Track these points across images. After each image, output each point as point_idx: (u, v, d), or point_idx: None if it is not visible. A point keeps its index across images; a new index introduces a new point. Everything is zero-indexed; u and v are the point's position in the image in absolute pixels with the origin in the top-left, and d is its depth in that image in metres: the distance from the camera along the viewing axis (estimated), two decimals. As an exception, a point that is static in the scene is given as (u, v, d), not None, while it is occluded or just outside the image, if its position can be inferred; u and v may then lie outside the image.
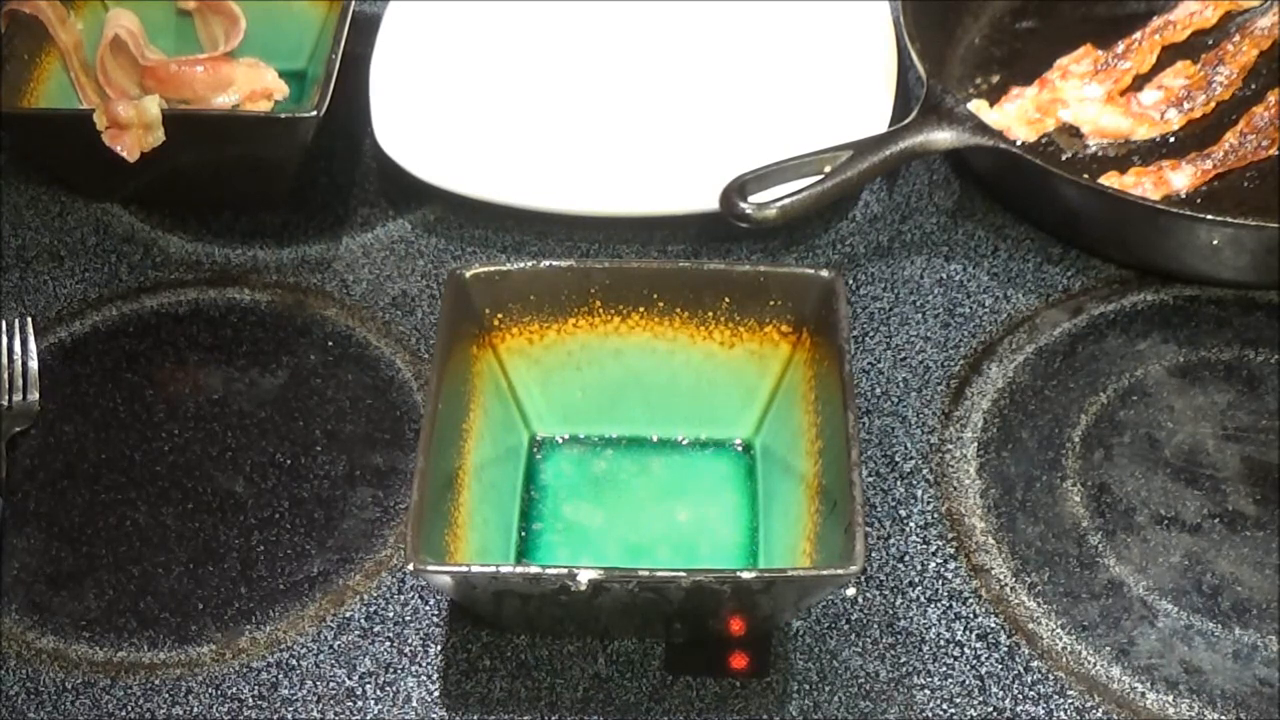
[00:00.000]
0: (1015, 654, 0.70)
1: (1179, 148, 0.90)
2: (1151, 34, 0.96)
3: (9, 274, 0.88)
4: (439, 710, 0.68)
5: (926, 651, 0.70)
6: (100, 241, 0.90)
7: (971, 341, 0.83)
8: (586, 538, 0.72)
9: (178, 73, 0.92)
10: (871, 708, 0.68)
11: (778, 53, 0.97)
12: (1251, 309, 0.84)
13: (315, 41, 0.95)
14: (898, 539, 0.74)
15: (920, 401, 0.80)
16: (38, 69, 0.91)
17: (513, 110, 0.94)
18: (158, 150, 0.85)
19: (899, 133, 0.85)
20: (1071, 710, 0.68)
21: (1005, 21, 0.99)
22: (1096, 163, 0.90)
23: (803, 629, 0.70)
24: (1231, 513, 0.74)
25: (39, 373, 0.82)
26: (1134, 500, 0.75)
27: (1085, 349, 0.82)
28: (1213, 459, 0.77)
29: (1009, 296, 0.85)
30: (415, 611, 0.72)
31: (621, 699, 0.68)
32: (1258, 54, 0.95)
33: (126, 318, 0.86)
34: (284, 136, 0.87)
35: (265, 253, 0.89)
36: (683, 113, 0.94)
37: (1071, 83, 0.93)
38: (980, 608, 0.71)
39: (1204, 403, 0.79)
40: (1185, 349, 0.82)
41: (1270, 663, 0.69)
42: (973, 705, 0.68)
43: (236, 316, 0.85)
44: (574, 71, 0.97)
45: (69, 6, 0.93)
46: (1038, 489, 0.76)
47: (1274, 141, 0.89)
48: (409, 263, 0.88)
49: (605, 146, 0.92)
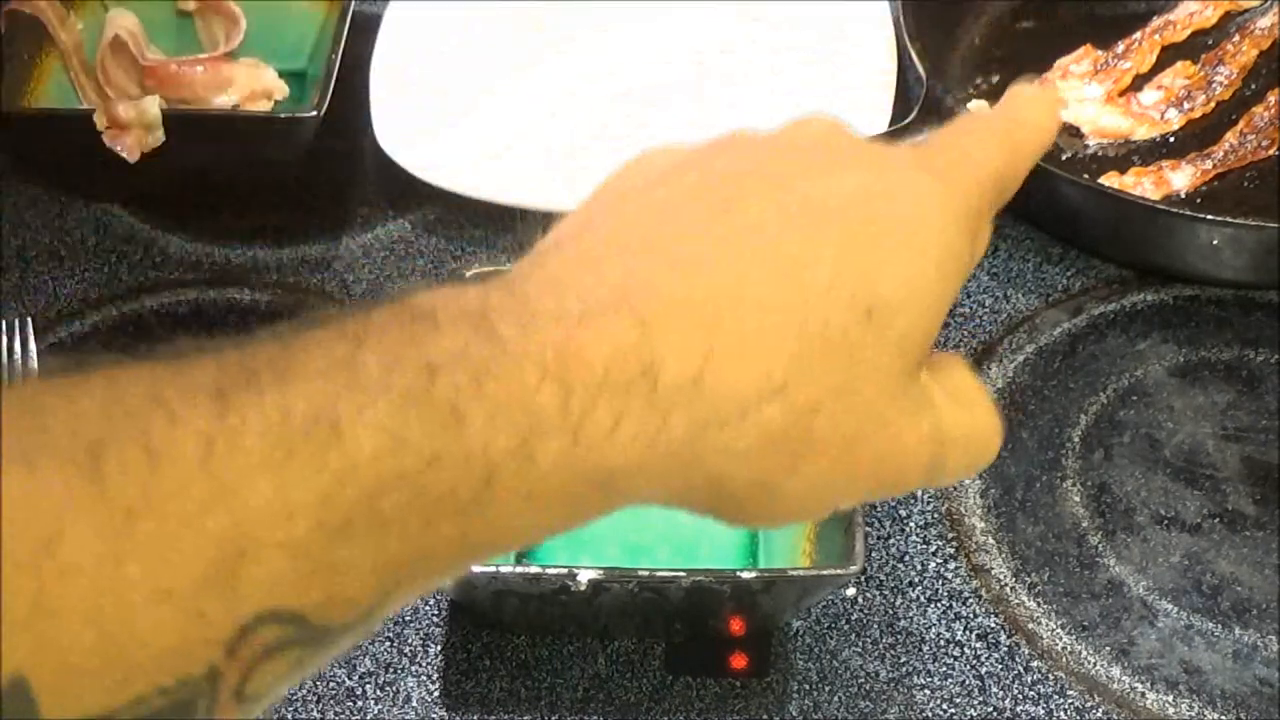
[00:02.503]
0: (1015, 654, 0.70)
1: (1179, 148, 0.90)
2: (1151, 34, 0.96)
3: (9, 274, 0.88)
4: (439, 710, 0.68)
5: (926, 651, 0.70)
6: (100, 241, 0.90)
7: (971, 341, 0.82)
8: (586, 538, 0.72)
9: (178, 73, 0.91)
10: (871, 708, 0.68)
11: (778, 53, 0.97)
12: (1251, 309, 0.84)
13: (315, 41, 0.95)
14: (898, 539, 0.74)
15: (920, 401, 0.79)
16: (38, 69, 0.91)
17: (513, 110, 0.94)
18: (158, 150, 0.85)
19: (899, 133, 0.84)
20: (1071, 710, 0.68)
21: (1005, 21, 0.99)
22: (1096, 163, 0.90)
23: (803, 629, 0.70)
24: (1231, 513, 0.74)
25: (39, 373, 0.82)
26: (1134, 500, 0.75)
27: (1085, 349, 0.82)
28: (1213, 459, 0.77)
29: (1009, 296, 0.85)
30: (415, 611, 0.72)
31: (621, 699, 0.68)
32: (1258, 54, 0.95)
33: (126, 318, 0.86)
34: (284, 136, 0.86)
35: (265, 253, 0.89)
36: (683, 113, 0.94)
37: (1071, 83, 0.93)
38: (980, 608, 0.71)
39: (1204, 403, 0.79)
40: (1185, 349, 0.82)
41: (1270, 663, 0.69)
42: (973, 705, 0.68)
43: (236, 316, 0.85)
44: (574, 71, 0.97)
45: (69, 6, 0.93)
46: (1038, 489, 0.76)
47: (1274, 141, 0.89)
48: (409, 263, 0.88)
49: (606, 147, 0.92)
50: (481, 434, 0.34)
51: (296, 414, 0.32)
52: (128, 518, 0.30)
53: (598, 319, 0.36)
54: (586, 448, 0.35)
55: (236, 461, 0.32)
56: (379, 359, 0.34)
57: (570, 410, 0.35)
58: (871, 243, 0.39)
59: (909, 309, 0.39)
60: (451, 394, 0.34)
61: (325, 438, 0.33)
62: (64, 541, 0.30)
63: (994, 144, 0.44)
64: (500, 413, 0.34)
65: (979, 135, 0.45)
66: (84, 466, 0.31)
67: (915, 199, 0.41)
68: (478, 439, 0.34)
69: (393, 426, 0.33)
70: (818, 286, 0.38)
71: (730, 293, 0.38)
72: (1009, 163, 0.44)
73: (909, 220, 0.40)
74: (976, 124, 0.46)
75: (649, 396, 0.36)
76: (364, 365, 0.34)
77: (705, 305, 0.37)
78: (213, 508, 0.31)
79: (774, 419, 0.37)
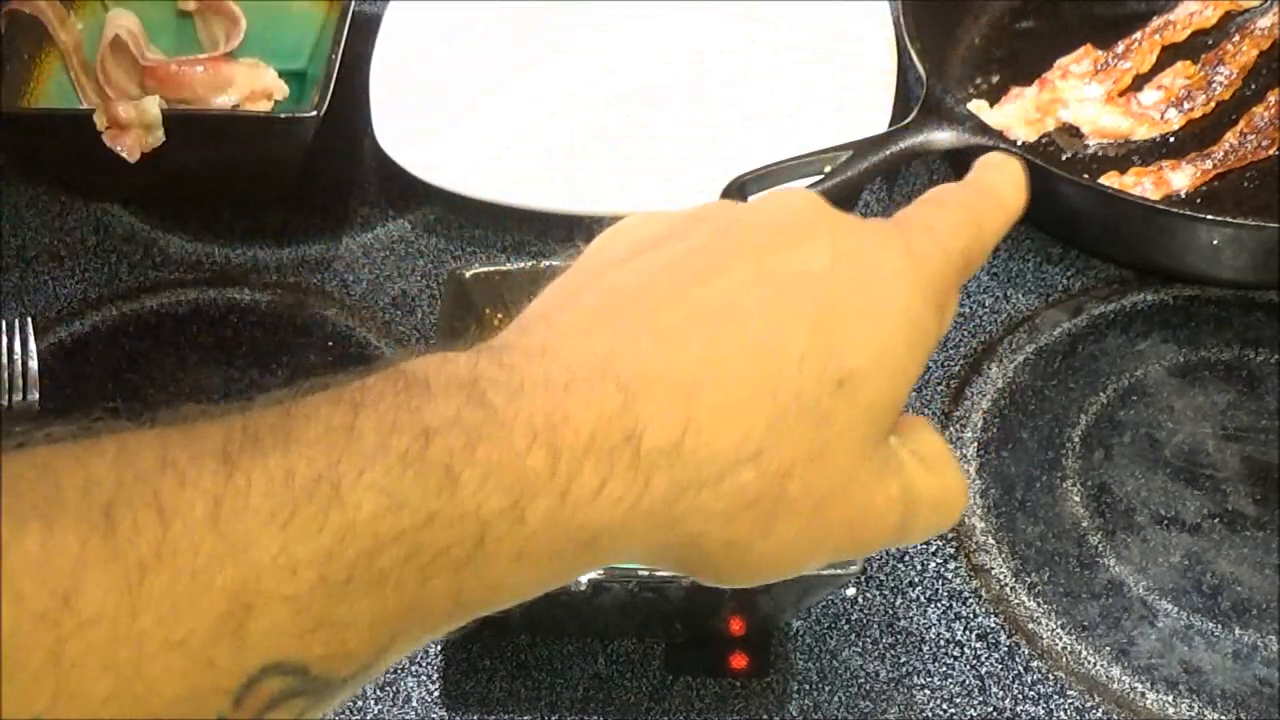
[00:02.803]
0: (1015, 654, 0.70)
1: (1179, 148, 0.90)
2: (1151, 34, 0.96)
3: (9, 274, 0.88)
4: (439, 710, 0.68)
5: (926, 651, 0.70)
6: (100, 241, 0.90)
7: (971, 341, 0.83)
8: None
9: (178, 73, 0.92)
10: (871, 708, 0.68)
11: (778, 53, 0.97)
12: (1251, 309, 0.84)
13: (315, 41, 0.95)
14: (898, 539, 0.74)
15: (920, 401, 0.80)
16: (38, 69, 0.91)
17: (513, 110, 0.94)
18: (158, 150, 0.85)
19: (899, 133, 0.84)
20: (1071, 710, 0.68)
21: (1005, 21, 0.99)
22: (1096, 163, 0.90)
23: (803, 629, 0.70)
24: (1231, 513, 0.74)
25: (39, 373, 0.82)
26: (1134, 500, 0.75)
27: (1085, 349, 0.82)
28: (1213, 459, 0.77)
29: (1009, 296, 0.85)
30: (415, 611, 0.72)
31: (621, 699, 0.68)
32: (1258, 54, 0.95)
33: (126, 318, 0.86)
34: (284, 136, 0.87)
35: (265, 253, 0.89)
36: (683, 113, 0.94)
37: (1071, 83, 0.93)
38: (980, 608, 0.71)
39: (1204, 403, 0.79)
40: (1185, 349, 0.82)
41: (1270, 663, 0.69)
42: (973, 705, 0.68)
43: (236, 316, 0.85)
44: (574, 71, 0.97)
45: (69, 6, 0.93)
46: (1038, 489, 0.76)
47: (1274, 141, 0.89)
48: (409, 263, 0.88)
49: (605, 146, 0.92)
50: (475, 495, 0.36)
51: (299, 475, 0.34)
52: (141, 572, 0.32)
53: (583, 387, 0.38)
54: (574, 508, 0.37)
55: (243, 520, 0.33)
56: (376, 424, 0.36)
57: (558, 473, 0.37)
58: (841, 317, 0.41)
59: (877, 379, 0.41)
60: (446, 457, 0.36)
61: (327, 498, 0.34)
62: (81, 595, 0.31)
63: (961, 220, 0.46)
64: (493, 475, 0.36)
65: (947, 211, 0.46)
66: (99, 525, 0.32)
67: (884, 274, 0.43)
68: (471, 500, 0.36)
69: (390, 487, 0.35)
70: (791, 358, 0.40)
71: (708, 365, 0.39)
72: (974, 238, 0.46)
73: (877, 295, 0.42)
74: (945, 199, 0.47)
75: (632, 461, 0.38)
76: (362, 430, 0.36)
77: (685, 376, 0.39)
78: (222, 563, 0.33)
79: (750, 483, 0.39)
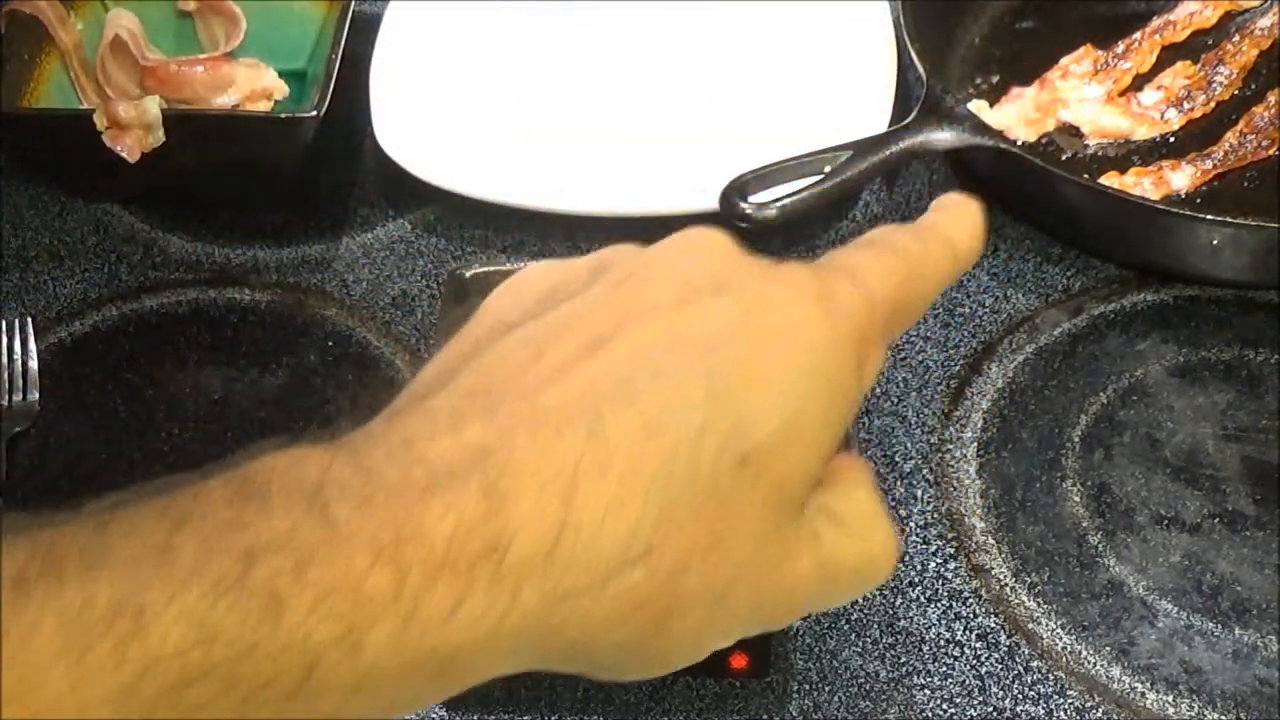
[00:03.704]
0: (1015, 654, 0.70)
1: (1179, 148, 0.90)
2: (1151, 34, 0.96)
3: (9, 274, 0.88)
4: (439, 710, 0.68)
5: (926, 651, 0.70)
6: (100, 241, 0.90)
7: (971, 341, 0.83)
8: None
9: (178, 73, 0.92)
10: (871, 708, 0.68)
11: (777, 52, 0.97)
12: (1251, 309, 0.84)
13: (315, 41, 0.95)
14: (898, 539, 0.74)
15: (920, 401, 0.80)
16: (38, 69, 0.91)
17: (513, 110, 0.94)
18: (158, 150, 0.85)
19: (899, 133, 0.84)
20: (1071, 710, 0.68)
21: (1005, 21, 0.99)
22: (1096, 163, 0.90)
23: (803, 629, 0.70)
24: (1231, 513, 0.74)
25: (39, 373, 0.82)
26: (1134, 500, 0.75)
27: (1085, 349, 0.82)
28: (1213, 459, 0.77)
29: (1009, 296, 0.85)
30: (415, 611, 0.72)
31: (621, 699, 0.68)
32: (1258, 54, 0.95)
33: (126, 318, 0.86)
34: (284, 136, 0.86)
35: (265, 253, 0.89)
36: (682, 113, 0.94)
37: (1071, 83, 0.93)
38: (980, 608, 0.71)
39: (1204, 403, 0.79)
40: (1185, 349, 0.82)
41: (1270, 663, 0.69)
42: (973, 705, 0.68)
43: (236, 316, 0.85)
44: (574, 71, 0.97)
45: (69, 6, 0.93)
46: (1038, 489, 0.76)
47: (1274, 141, 0.89)
48: (409, 263, 0.88)
49: (605, 146, 0.92)
50: (303, 624, 0.33)
51: (99, 604, 0.32)
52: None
53: (444, 491, 0.35)
54: (421, 632, 0.34)
55: (31, 656, 0.31)
56: (195, 545, 0.33)
57: (403, 595, 0.34)
58: (747, 383, 0.37)
59: (786, 453, 0.37)
60: (271, 581, 0.33)
61: (127, 629, 0.32)
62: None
63: (892, 265, 0.42)
64: (325, 600, 0.33)
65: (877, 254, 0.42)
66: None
67: (797, 329, 0.39)
68: (299, 629, 0.33)
69: (202, 617, 0.32)
70: (687, 435, 0.36)
71: (590, 454, 0.36)
72: (908, 286, 0.42)
73: (788, 353, 0.38)
74: (878, 240, 0.43)
75: (494, 573, 0.34)
76: (179, 550, 0.33)
77: (563, 470, 0.35)
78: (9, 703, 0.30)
79: (639, 584, 0.36)
